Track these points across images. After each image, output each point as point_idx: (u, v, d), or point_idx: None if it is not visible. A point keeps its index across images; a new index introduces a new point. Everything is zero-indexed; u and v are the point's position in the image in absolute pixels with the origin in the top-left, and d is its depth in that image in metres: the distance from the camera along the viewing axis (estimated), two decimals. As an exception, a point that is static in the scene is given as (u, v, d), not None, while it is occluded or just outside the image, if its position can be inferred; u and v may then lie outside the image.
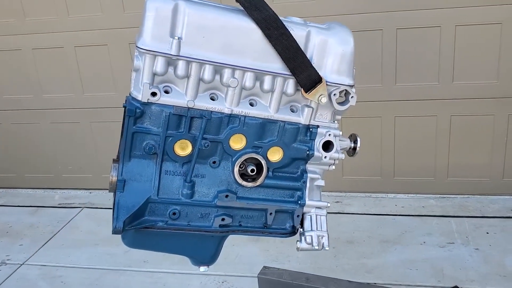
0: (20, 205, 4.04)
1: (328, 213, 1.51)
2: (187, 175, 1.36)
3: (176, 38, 1.23)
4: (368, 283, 2.37)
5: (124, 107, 1.32)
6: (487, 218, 3.30)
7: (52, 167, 4.18)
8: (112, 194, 1.40)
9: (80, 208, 3.90)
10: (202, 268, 1.50)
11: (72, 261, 3.16)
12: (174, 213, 1.37)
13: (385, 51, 3.34)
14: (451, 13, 3.18)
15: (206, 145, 1.33)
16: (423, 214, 3.42)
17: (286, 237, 1.49)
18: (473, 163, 3.49)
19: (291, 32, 1.29)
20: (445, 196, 3.58)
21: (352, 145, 1.50)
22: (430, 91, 3.38)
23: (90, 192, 4.13)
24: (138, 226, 1.34)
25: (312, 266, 2.85)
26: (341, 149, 1.47)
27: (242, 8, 1.28)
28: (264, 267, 2.53)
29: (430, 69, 3.32)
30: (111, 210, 1.39)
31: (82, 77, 3.84)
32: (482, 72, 3.27)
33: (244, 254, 3.04)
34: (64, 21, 3.71)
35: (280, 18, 1.32)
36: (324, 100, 1.34)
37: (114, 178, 1.34)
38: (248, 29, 1.27)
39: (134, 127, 1.30)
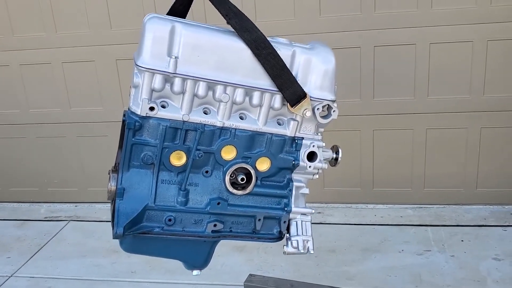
0: (6, 218, 4.06)
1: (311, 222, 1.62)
2: (181, 183, 1.46)
3: (173, 57, 1.34)
4: (350, 288, 2.48)
5: (124, 120, 1.41)
6: (462, 226, 3.45)
7: (38, 181, 4.22)
8: (110, 203, 1.50)
9: (67, 221, 3.93)
10: (195, 272, 1.60)
11: (60, 272, 3.20)
12: (169, 219, 1.47)
13: (363, 67, 3.50)
14: (425, 31, 3.36)
15: (199, 155, 1.44)
16: (401, 223, 3.56)
17: (273, 241, 1.60)
18: (448, 174, 3.65)
19: (278, 51, 1.42)
20: (422, 206, 3.73)
21: (334, 155, 1.63)
22: (406, 105, 3.54)
23: (76, 206, 4.17)
24: (136, 231, 1.43)
25: (296, 274, 2.95)
26: (324, 160, 1.60)
27: (233, 30, 1.40)
28: (250, 275, 2.62)
29: (406, 84, 3.49)
30: (97, 222, 1.47)
31: (69, 92, 3.91)
32: (455, 88, 3.45)
33: (229, 263, 3.12)
34: (52, 38, 3.79)
35: (268, 38, 1.45)
36: (308, 114, 1.46)
37: (113, 187, 1.43)
38: (238, 49, 1.39)
39: (133, 139, 1.39)
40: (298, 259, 2.81)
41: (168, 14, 1.49)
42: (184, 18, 1.49)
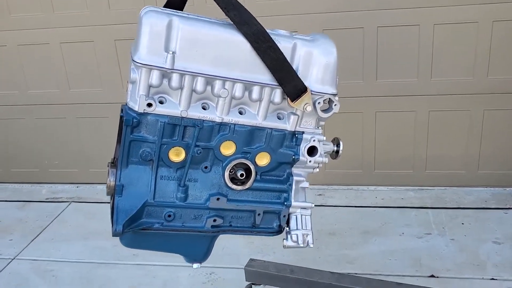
0: (7, 200, 4.07)
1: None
2: (181, 179, 1.45)
3: (171, 52, 1.31)
4: (349, 274, 2.49)
5: (121, 116, 1.39)
6: (462, 209, 3.45)
7: (39, 162, 4.22)
8: (109, 197, 1.50)
9: (68, 203, 3.95)
10: (195, 265, 1.60)
11: (62, 255, 3.22)
12: (169, 215, 1.46)
13: (366, 48, 3.44)
14: (429, 12, 3.29)
15: (198, 152, 1.42)
16: (402, 205, 3.56)
17: (273, 235, 1.60)
18: (450, 156, 3.64)
19: (278, 44, 1.38)
20: (423, 188, 3.73)
21: (335, 148, 1.61)
22: (409, 87, 3.50)
23: (77, 187, 4.18)
24: (136, 228, 1.43)
25: (296, 258, 2.96)
26: (324, 153, 1.58)
27: (232, 22, 1.36)
28: (251, 259, 2.64)
29: (410, 66, 3.44)
30: (99, 204, 1.47)
31: (68, 73, 3.87)
32: (459, 69, 3.40)
33: (230, 246, 3.14)
34: (50, 18, 3.72)
35: (268, 30, 1.41)
36: (309, 108, 1.43)
37: (112, 183, 1.42)
38: (237, 43, 1.36)
39: (131, 135, 1.37)
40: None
41: (165, 5, 1.45)
42: (182, 10, 1.46)
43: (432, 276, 2.78)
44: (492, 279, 2.73)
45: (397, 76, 3.48)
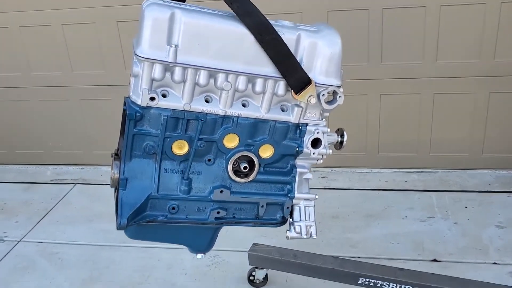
0: (12, 181, 4.10)
1: (314, 188, 1.62)
2: (184, 172, 1.45)
3: (173, 46, 1.29)
4: (352, 259, 2.51)
5: (124, 110, 1.39)
6: (466, 192, 3.45)
7: (43, 144, 4.23)
8: (113, 189, 1.50)
9: (73, 184, 3.97)
10: (199, 256, 1.62)
11: (68, 237, 3.26)
12: (173, 208, 1.47)
13: (371, 30, 3.39)
14: (436, -7, 3.23)
15: (202, 145, 1.42)
16: (406, 188, 3.56)
17: (276, 226, 1.61)
18: (454, 139, 3.62)
19: (282, 36, 1.36)
20: (427, 170, 3.72)
21: (339, 139, 1.61)
22: (414, 70, 3.46)
23: (81, 168, 4.20)
24: (141, 221, 1.44)
25: (299, 241, 2.92)
26: (328, 144, 1.58)
27: (235, 14, 1.34)
28: (254, 244, 2.67)
29: (415, 48, 3.39)
30: (103, 186, 1.48)
31: (70, 55, 3.84)
32: (465, 52, 3.35)
33: (234, 229, 3.08)
34: (51, -1, 3.69)
35: (271, 21, 1.39)
36: (313, 101, 1.42)
37: (116, 175, 1.43)
38: (241, 35, 1.34)
39: (134, 129, 1.37)
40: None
41: (167, -4, 1.42)
42: (185, 1, 1.43)
43: (435, 260, 2.80)
44: (495, 263, 2.75)
45: (402, 59, 3.44)
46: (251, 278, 2.69)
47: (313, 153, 1.52)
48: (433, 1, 3.24)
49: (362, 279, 2.37)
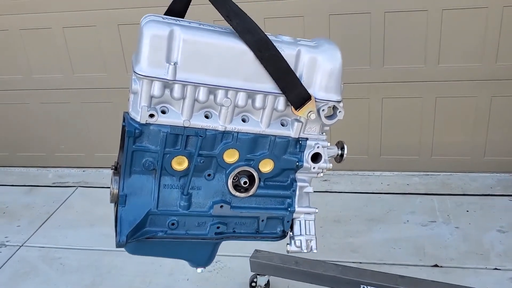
0: (14, 184, 4.11)
1: (316, 191, 1.61)
2: (184, 188, 1.45)
3: (172, 63, 1.29)
4: (353, 267, 2.51)
5: (123, 126, 1.38)
6: (467, 196, 3.44)
7: (44, 146, 4.23)
8: (113, 205, 1.50)
9: (75, 187, 3.98)
10: (199, 270, 1.62)
11: (69, 242, 3.26)
12: (173, 223, 1.47)
13: (373, 34, 3.38)
14: (438, -3, 3.22)
15: (201, 161, 1.42)
16: (408, 191, 3.56)
17: (277, 240, 1.61)
18: (456, 142, 3.61)
19: (281, 52, 1.36)
20: (428, 173, 3.72)
21: (340, 152, 1.61)
22: (416, 73, 3.45)
23: (83, 171, 4.20)
24: (140, 237, 1.44)
25: (301, 246, 2.98)
26: (329, 157, 1.57)
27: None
28: (256, 250, 2.67)
29: (417, 52, 3.38)
30: (105, 189, 1.48)
31: (71, 57, 3.83)
32: (466, 55, 3.34)
33: (236, 234, 3.16)
34: (51, 2, 3.67)
35: (271, 37, 1.39)
36: (313, 116, 1.42)
37: (115, 191, 1.43)
38: (240, 52, 1.33)
39: (133, 146, 1.37)
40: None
41: (166, 13, 1.42)
42: (183, 17, 1.43)
43: (436, 265, 2.80)
44: (496, 269, 2.74)
45: (404, 62, 3.43)
46: (253, 284, 2.69)
47: (313, 168, 1.52)
48: (435, 5, 3.22)
49: (363, 287, 2.37)
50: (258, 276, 2.67)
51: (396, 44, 3.39)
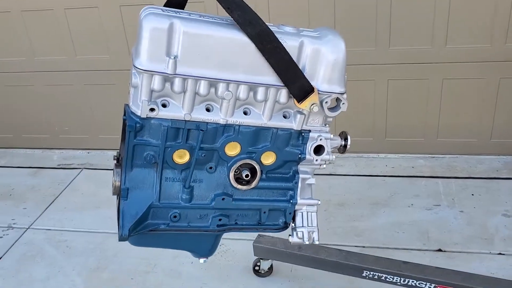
0: (20, 166, 4.13)
1: (320, 174, 1.60)
2: (186, 181, 1.44)
3: (172, 57, 1.26)
4: (356, 252, 2.51)
5: (124, 119, 1.37)
6: (473, 179, 3.42)
7: (49, 128, 4.23)
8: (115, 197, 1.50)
9: (80, 169, 3.99)
10: (202, 260, 1.62)
11: (75, 225, 3.29)
12: (175, 216, 1.47)
13: (379, 14, 3.31)
14: (446, -24, 3.14)
15: (203, 155, 1.41)
16: (412, 174, 3.54)
17: (279, 231, 1.60)
18: (462, 124, 3.57)
19: (284, 44, 1.33)
20: (434, 156, 3.69)
21: (343, 143, 1.59)
22: (423, 54, 3.39)
23: (88, 152, 4.21)
24: (143, 230, 1.44)
25: (305, 230, 2.98)
26: (332, 148, 1.55)
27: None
28: (259, 235, 2.67)
29: (424, 33, 3.31)
30: (110, 171, 1.48)
31: (73, 39, 3.80)
32: (475, 36, 3.27)
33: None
34: (52, -18, 3.63)
35: (273, 28, 1.36)
36: (316, 109, 1.40)
37: (118, 183, 1.43)
38: (241, 44, 1.30)
39: (134, 140, 1.36)
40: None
41: (166, 3, 1.39)
42: (184, 8, 1.40)
43: (440, 250, 2.80)
44: (500, 253, 2.74)
45: (411, 43, 3.37)
46: (256, 268, 2.71)
47: (316, 160, 1.50)
48: (443, -16, 3.15)
49: (366, 272, 2.38)
50: (261, 260, 2.68)
51: (403, 24, 3.33)
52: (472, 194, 3.26)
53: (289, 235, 1.59)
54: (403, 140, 3.73)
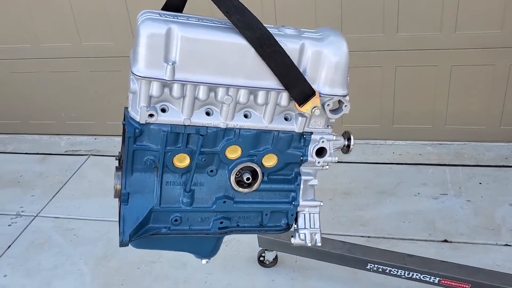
0: (28, 152, 4.15)
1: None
2: (186, 184, 1.43)
3: (170, 63, 1.24)
4: (360, 245, 2.50)
5: (123, 124, 1.36)
6: (481, 167, 3.39)
7: (56, 114, 4.24)
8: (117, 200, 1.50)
9: (87, 156, 4.01)
10: (204, 261, 1.63)
11: (83, 213, 3.32)
12: (176, 220, 1.46)
13: None
14: (457, -41, 3.05)
15: (203, 159, 1.39)
16: (420, 162, 3.51)
17: (281, 233, 1.60)
18: (471, 111, 3.52)
19: (284, 47, 1.30)
20: (442, 143, 3.65)
21: (346, 143, 1.56)
22: (431, 41, 3.32)
23: (95, 138, 4.22)
24: (144, 234, 1.44)
25: (310, 219, 2.98)
26: (335, 149, 1.53)
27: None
28: (264, 226, 2.67)
29: (433, 18, 3.24)
30: (117, 158, 1.48)
31: (78, 26, 3.77)
32: (486, 22, 3.20)
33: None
34: (56, -32, 3.59)
35: (273, 30, 1.33)
36: (318, 112, 1.37)
37: (118, 186, 1.42)
38: (241, 49, 1.28)
39: (134, 145, 1.35)
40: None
41: (164, 7, 1.36)
42: (182, 11, 1.37)
43: (445, 241, 2.79)
44: (506, 245, 2.73)
45: (419, 29, 3.30)
46: (261, 259, 2.72)
47: (318, 162, 1.48)
48: (454, -31, 3.07)
49: (370, 265, 2.38)
50: (266, 251, 2.70)
51: (411, 10, 3.26)
52: (480, 183, 3.24)
53: (291, 236, 1.59)
54: (411, 127, 3.70)
